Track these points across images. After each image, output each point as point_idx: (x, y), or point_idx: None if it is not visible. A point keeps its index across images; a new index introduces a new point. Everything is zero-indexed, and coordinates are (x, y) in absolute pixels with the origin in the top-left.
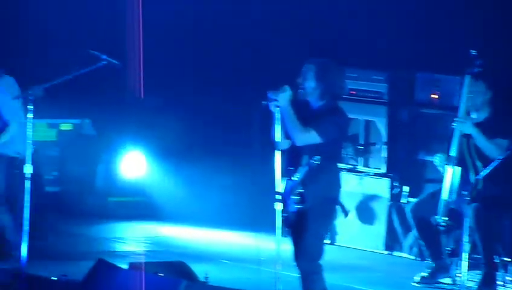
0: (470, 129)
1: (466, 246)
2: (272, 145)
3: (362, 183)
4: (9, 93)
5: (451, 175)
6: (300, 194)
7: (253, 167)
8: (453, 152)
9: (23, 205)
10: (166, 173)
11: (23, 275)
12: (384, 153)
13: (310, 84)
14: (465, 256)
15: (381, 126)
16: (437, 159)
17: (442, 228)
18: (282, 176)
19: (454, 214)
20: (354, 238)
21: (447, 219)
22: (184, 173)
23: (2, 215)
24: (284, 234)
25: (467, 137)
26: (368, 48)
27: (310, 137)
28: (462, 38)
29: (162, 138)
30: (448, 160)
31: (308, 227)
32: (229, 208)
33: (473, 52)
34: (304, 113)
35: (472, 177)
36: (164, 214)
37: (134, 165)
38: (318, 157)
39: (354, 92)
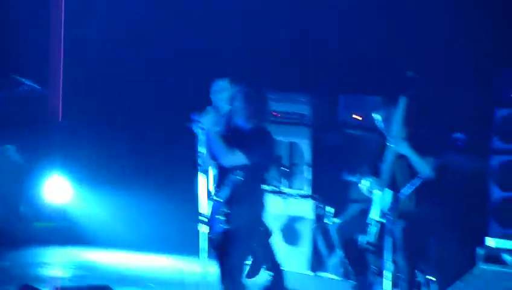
0: (405, 150)
1: (389, 265)
2: (197, 167)
3: (287, 204)
4: None
5: (382, 197)
6: (225, 214)
7: (178, 189)
8: (386, 174)
9: None
10: (90, 197)
11: None
12: (308, 175)
13: (238, 105)
14: (388, 275)
15: (305, 148)
16: (367, 184)
17: (371, 248)
18: (208, 197)
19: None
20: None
21: (374, 239)
22: (108, 197)
23: None
24: (209, 256)
25: (399, 157)
26: (291, 69)
27: (236, 158)
28: (386, 60)
29: (84, 163)
30: (379, 182)
31: (233, 247)
32: (154, 232)
33: (410, 73)
34: (232, 133)
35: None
36: (89, 238)
37: (58, 190)
38: (241, 173)
39: (276, 114)
